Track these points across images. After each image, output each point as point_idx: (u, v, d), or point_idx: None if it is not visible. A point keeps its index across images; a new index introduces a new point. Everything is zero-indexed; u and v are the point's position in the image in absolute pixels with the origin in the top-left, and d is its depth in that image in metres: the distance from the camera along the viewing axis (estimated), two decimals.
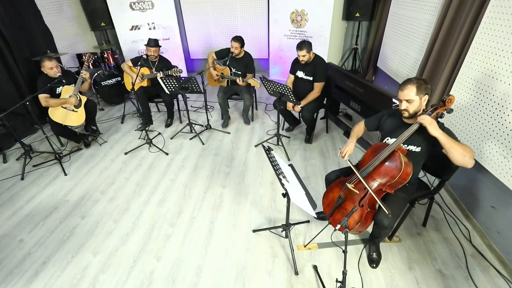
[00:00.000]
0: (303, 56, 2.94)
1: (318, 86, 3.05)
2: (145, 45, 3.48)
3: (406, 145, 1.82)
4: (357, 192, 1.83)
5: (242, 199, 2.63)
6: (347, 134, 3.53)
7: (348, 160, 1.87)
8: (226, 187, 2.77)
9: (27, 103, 2.75)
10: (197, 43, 5.56)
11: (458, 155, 1.56)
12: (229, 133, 3.65)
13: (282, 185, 1.73)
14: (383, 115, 2.04)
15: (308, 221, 2.37)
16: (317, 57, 3.05)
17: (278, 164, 1.81)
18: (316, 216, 2.05)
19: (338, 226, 1.63)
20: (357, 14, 4.50)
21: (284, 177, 1.74)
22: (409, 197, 1.94)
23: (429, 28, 2.96)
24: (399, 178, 1.72)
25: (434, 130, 1.59)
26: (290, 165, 2.04)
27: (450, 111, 1.69)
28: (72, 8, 4.77)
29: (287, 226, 2.10)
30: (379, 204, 1.77)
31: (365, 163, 1.89)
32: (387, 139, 1.93)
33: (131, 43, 5.11)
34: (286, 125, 3.71)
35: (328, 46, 4.66)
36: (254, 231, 2.29)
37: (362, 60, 5.08)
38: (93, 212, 2.54)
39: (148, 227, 2.37)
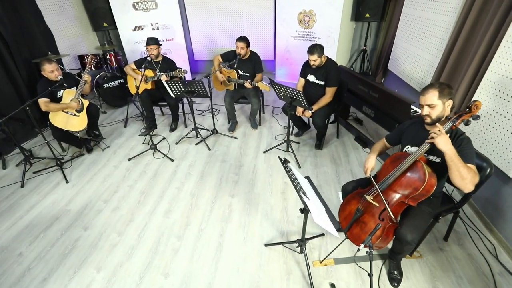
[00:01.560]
0: (315, 60, 2.81)
1: (330, 91, 2.92)
2: (144, 46, 3.35)
3: (426, 155, 1.70)
4: (377, 205, 1.71)
5: (252, 209, 2.51)
6: (359, 139, 3.40)
7: (372, 178, 1.75)
8: (235, 196, 2.65)
9: (27, 108, 2.62)
10: (201, 44, 5.44)
11: (457, 176, 1.47)
12: (236, 138, 3.53)
13: (304, 203, 1.60)
14: (404, 126, 1.91)
15: (322, 234, 2.24)
16: (329, 60, 2.92)
17: (296, 179, 1.69)
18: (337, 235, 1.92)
19: (362, 246, 1.50)
20: (367, 15, 4.37)
21: (304, 193, 1.61)
22: (434, 211, 1.82)
23: (447, 30, 2.83)
24: (422, 190, 1.60)
25: (442, 143, 1.47)
26: (307, 177, 1.91)
27: (476, 117, 1.57)
28: (73, 8, 4.64)
29: (302, 242, 1.98)
30: (400, 218, 1.66)
31: (384, 174, 1.77)
32: (407, 148, 1.81)
33: (134, 44, 4.98)
34: (295, 130, 3.59)
35: (337, 48, 4.53)
36: (267, 245, 2.17)
37: (371, 62, 4.94)
38: (96, 223, 2.42)
39: (154, 240, 2.25)
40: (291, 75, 5.15)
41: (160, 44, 3.41)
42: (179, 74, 3.25)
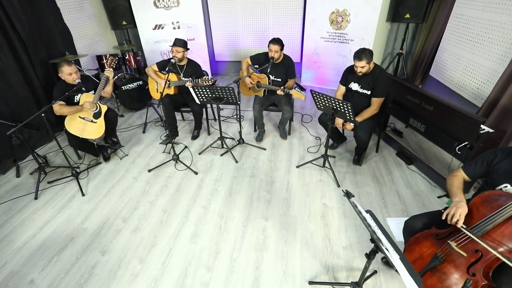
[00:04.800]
0: (362, 67, 2.48)
1: (377, 102, 2.58)
2: (171, 47, 3.08)
3: None
4: (464, 254, 1.37)
5: (289, 236, 2.20)
6: (402, 155, 3.04)
7: (462, 226, 1.40)
8: (268, 219, 2.35)
9: (42, 114, 2.38)
10: (223, 44, 5.15)
11: None
12: (264, 149, 3.22)
13: (383, 253, 1.27)
14: (492, 156, 1.55)
15: (375, 272, 1.92)
16: (377, 67, 2.58)
17: (365, 220, 1.36)
18: None
19: None
20: (407, 15, 3.99)
21: (379, 239, 1.29)
22: None
23: None
24: None
25: None
26: (368, 211, 1.58)
27: None
28: (92, 6, 4.44)
29: (359, 286, 1.66)
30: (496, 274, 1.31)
31: (476, 217, 1.42)
32: (506, 187, 1.45)
33: (154, 43, 4.75)
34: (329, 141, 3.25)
35: None
36: (311, 283, 1.86)
37: (406, 67, 4.56)
38: (115, 246, 2.16)
39: (180, 270, 1.97)
40: (318, 79, 4.82)
41: (188, 49, 3.13)
42: (205, 83, 2.96)
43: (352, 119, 2.37)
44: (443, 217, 1.46)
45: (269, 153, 3.16)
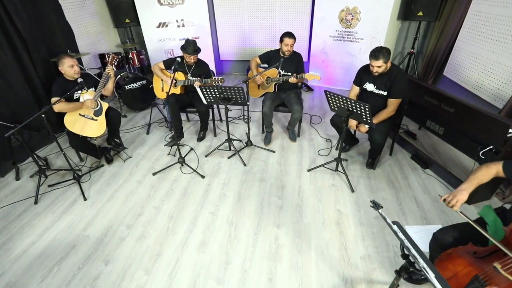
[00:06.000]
0: (379, 67, 2.35)
1: (394, 104, 2.45)
2: (182, 49, 2.94)
3: None
4: None
5: (303, 245, 2.07)
6: (417, 158, 2.91)
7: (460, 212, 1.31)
8: (281, 226, 2.22)
9: (43, 115, 2.26)
10: (229, 43, 5.03)
11: None
12: (273, 151, 3.09)
13: (420, 271, 1.14)
14: None
15: (397, 286, 1.79)
16: (394, 67, 2.45)
17: (398, 235, 1.24)
18: None
19: None
20: (420, 13, 3.85)
21: (416, 258, 1.16)
22: None
23: None
24: None
25: None
26: (395, 222, 1.45)
27: None
28: (95, 3, 4.32)
29: None
30: None
31: None
32: None
33: (157, 41, 4.63)
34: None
35: None
36: None
37: (418, 66, 4.42)
38: (119, 255, 2.04)
39: (189, 283, 1.84)
40: (326, 79, 4.69)
41: (200, 51, 3.00)
42: (215, 83, 2.84)
43: (370, 121, 2.24)
44: (440, 200, 1.45)
45: (279, 156, 3.03)
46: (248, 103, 2.71)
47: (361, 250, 2.04)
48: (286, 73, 2.99)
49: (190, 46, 2.89)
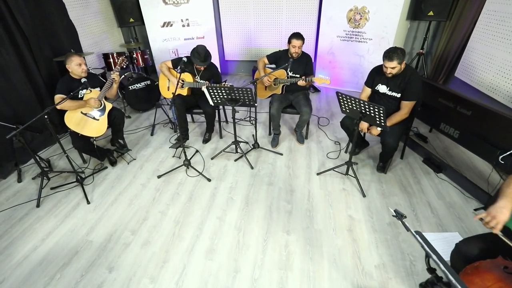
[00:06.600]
0: (393, 68, 2.27)
1: (408, 106, 2.37)
2: (192, 56, 2.81)
3: None
4: None
5: (315, 253, 1.99)
6: (429, 162, 2.82)
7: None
8: (291, 233, 2.14)
9: (45, 116, 2.19)
10: (234, 43, 4.95)
11: None
12: (281, 154, 3.01)
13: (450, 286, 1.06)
14: None
15: None
16: (408, 68, 2.37)
17: (424, 246, 1.15)
18: None
19: None
20: (431, 13, 3.76)
21: (446, 273, 1.08)
22: None
23: None
24: None
25: None
26: (418, 232, 1.37)
27: None
28: (99, 2, 4.27)
29: None
30: None
31: None
32: None
33: (162, 41, 4.56)
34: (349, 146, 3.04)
35: None
36: None
37: (427, 67, 4.33)
38: (123, 262, 1.96)
39: None
40: (332, 80, 4.54)
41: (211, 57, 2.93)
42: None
43: (384, 124, 2.15)
44: (475, 219, 1.27)
45: (286, 159, 2.95)
46: (256, 104, 2.63)
47: (375, 259, 1.95)
48: (294, 75, 2.92)
49: (201, 53, 2.78)
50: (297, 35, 2.73)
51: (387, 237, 2.10)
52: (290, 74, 2.92)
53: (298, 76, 2.90)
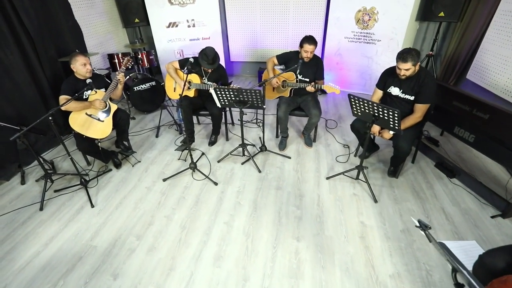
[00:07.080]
0: (407, 70, 2.19)
1: (422, 109, 2.29)
2: (200, 58, 2.75)
3: None
4: None
5: (327, 260, 1.92)
6: (442, 166, 2.74)
7: None
8: (301, 239, 2.07)
9: (50, 118, 2.14)
10: (240, 44, 4.90)
11: None
12: (289, 157, 2.94)
13: None
14: None
15: None
16: (423, 70, 2.30)
17: (451, 259, 1.08)
18: None
19: None
20: (441, 14, 3.68)
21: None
22: None
23: None
24: None
25: None
26: (441, 244, 1.30)
27: None
28: (104, 2, 4.23)
29: None
30: None
31: None
32: None
33: (167, 42, 4.52)
34: (360, 149, 2.97)
35: None
36: None
37: (436, 69, 4.25)
38: (128, 268, 1.90)
39: None
40: (339, 82, 4.53)
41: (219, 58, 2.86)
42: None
43: (397, 128, 2.08)
44: None
45: (295, 162, 2.88)
46: (264, 106, 2.56)
47: (390, 268, 1.88)
48: (303, 79, 2.84)
49: (204, 61, 2.72)
50: (310, 40, 2.63)
51: (401, 245, 2.02)
52: (300, 77, 2.85)
53: (307, 80, 2.83)
